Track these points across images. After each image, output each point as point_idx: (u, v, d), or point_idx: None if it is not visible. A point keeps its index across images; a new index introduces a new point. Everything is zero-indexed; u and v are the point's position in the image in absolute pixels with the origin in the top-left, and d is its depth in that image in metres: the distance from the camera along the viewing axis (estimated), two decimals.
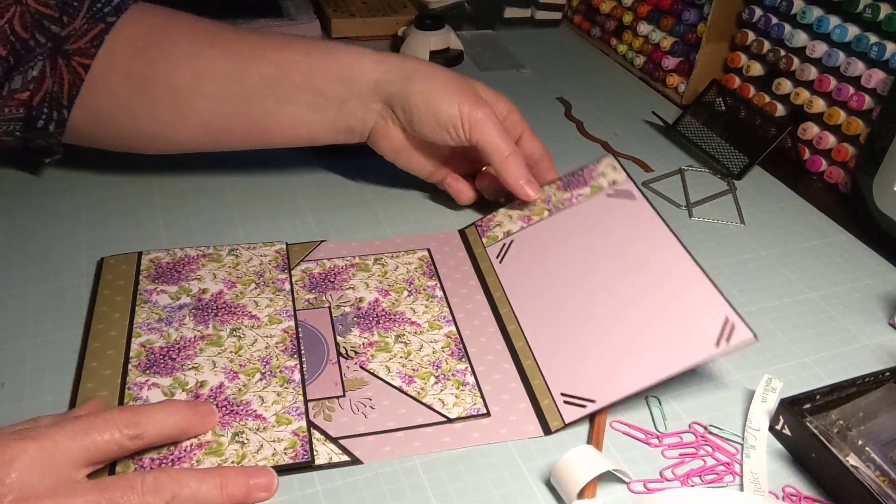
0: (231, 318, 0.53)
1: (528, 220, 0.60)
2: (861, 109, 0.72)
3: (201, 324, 0.52)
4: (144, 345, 0.50)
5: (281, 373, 0.49)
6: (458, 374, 0.51)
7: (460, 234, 0.63)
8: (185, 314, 0.53)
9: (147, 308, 0.53)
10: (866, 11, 0.71)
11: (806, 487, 0.46)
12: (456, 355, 0.52)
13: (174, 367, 0.49)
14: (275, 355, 0.50)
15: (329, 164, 0.71)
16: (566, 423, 0.47)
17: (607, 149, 0.79)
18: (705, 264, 0.63)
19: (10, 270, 0.56)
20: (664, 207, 0.71)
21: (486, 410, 0.48)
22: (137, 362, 0.49)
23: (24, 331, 0.52)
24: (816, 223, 0.71)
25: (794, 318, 0.59)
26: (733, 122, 0.80)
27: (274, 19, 0.92)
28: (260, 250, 0.59)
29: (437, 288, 0.57)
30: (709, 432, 0.49)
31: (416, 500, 0.43)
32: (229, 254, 0.58)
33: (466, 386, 0.50)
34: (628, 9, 0.97)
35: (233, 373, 0.49)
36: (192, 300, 0.54)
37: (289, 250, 0.59)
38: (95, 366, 0.48)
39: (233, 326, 0.52)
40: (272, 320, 0.53)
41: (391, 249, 0.61)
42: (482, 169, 0.66)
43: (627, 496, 0.44)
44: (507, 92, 0.65)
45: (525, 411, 0.48)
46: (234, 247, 0.59)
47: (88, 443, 0.39)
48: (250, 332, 0.52)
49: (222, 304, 0.54)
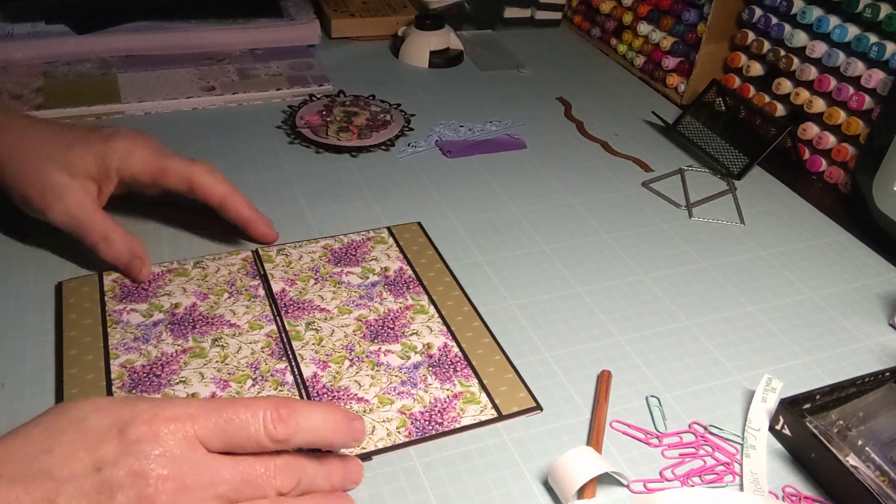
0: (210, 329, 0.52)
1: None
2: (861, 109, 0.72)
3: (180, 338, 0.51)
4: (125, 365, 0.49)
5: (272, 376, 0.49)
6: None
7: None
8: (162, 330, 0.52)
9: (120, 328, 0.51)
10: (866, 11, 0.71)
11: (806, 487, 0.46)
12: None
13: (161, 383, 0.48)
14: (263, 360, 0.50)
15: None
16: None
17: (607, 149, 0.79)
18: (705, 264, 0.64)
19: (10, 270, 0.56)
20: (664, 207, 0.71)
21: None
22: (121, 383, 0.48)
23: (23, 331, 0.52)
24: (816, 223, 0.71)
25: (794, 318, 0.59)
26: (733, 122, 0.80)
27: (274, 19, 0.92)
28: (226, 260, 0.58)
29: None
30: (709, 432, 0.49)
31: (416, 500, 0.43)
32: (195, 266, 0.57)
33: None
34: (628, 9, 0.97)
35: (223, 382, 0.48)
36: (165, 316, 0.53)
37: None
38: (77, 392, 0.47)
39: (214, 337, 0.51)
40: (253, 326, 0.53)
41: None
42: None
43: (627, 496, 0.44)
44: (507, 92, 0.66)
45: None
46: (199, 259, 0.58)
47: (230, 438, 0.37)
48: (233, 340, 0.51)
49: (198, 316, 0.53)
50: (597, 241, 0.65)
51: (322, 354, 0.51)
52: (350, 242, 0.61)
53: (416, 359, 0.51)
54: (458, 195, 0.69)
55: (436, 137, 0.78)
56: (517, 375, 0.51)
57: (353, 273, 0.58)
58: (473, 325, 0.55)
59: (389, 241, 0.62)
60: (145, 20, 0.87)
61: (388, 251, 0.61)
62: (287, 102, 0.81)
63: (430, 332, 0.54)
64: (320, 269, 0.58)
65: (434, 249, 0.61)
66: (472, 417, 0.48)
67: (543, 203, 0.69)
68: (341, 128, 0.76)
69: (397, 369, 0.51)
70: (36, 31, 0.83)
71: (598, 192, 0.72)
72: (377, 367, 0.51)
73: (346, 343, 0.52)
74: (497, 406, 0.49)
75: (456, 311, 0.56)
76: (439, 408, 0.48)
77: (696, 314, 0.58)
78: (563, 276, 0.61)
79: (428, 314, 0.55)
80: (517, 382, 0.50)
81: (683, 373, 0.53)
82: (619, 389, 0.51)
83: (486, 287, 0.59)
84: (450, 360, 0.52)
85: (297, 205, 0.66)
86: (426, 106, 0.83)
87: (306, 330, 0.53)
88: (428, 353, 0.52)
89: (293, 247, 0.60)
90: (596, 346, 0.54)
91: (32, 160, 0.56)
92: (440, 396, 0.49)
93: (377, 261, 0.59)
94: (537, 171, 0.74)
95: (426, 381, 0.50)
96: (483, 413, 0.48)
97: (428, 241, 0.62)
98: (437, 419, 0.47)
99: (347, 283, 0.57)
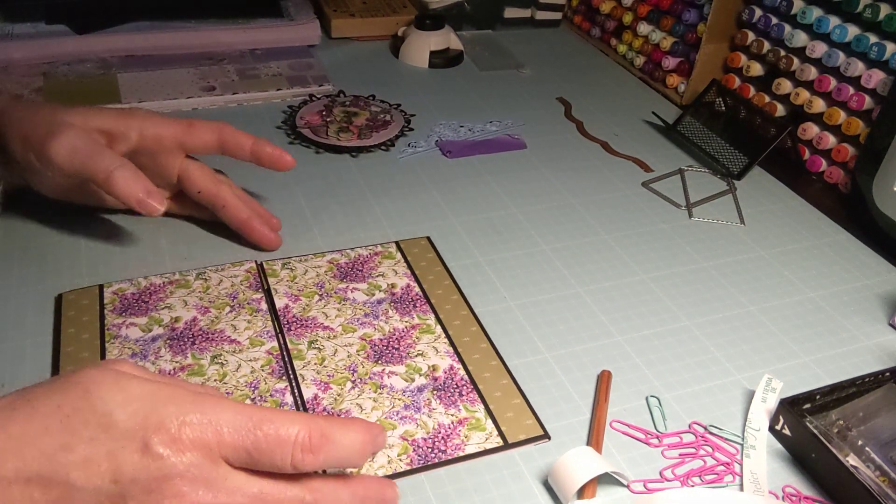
0: (210, 346, 0.51)
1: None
2: (861, 109, 0.72)
3: (179, 354, 0.50)
4: None
5: (272, 396, 0.48)
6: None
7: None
8: (160, 346, 0.50)
9: (118, 343, 0.50)
10: (866, 11, 0.71)
11: (806, 487, 0.46)
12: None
13: None
14: (262, 379, 0.49)
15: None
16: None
17: (607, 149, 0.79)
18: (705, 264, 0.64)
19: (9, 280, 0.56)
20: (664, 207, 0.71)
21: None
22: None
23: (23, 331, 0.52)
24: (816, 223, 0.71)
25: (794, 318, 0.59)
26: (733, 122, 0.80)
27: (274, 19, 0.92)
28: (229, 271, 0.57)
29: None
30: (709, 432, 0.49)
31: (416, 500, 0.43)
32: (197, 278, 0.56)
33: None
34: (628, 9, 0.97)
35: None
36: (165, 330, 0.51)
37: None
38: None
39: (213, 353, 0.50)
40: (254, 343, 0.51)
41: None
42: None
43: (627, 496, 0.44)
44: (507, 92, 0.66)
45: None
46: (202, 270, 0.57)
47: (254, 461, 0.35)
48: (233, 357, 0.50)
49: (198, 331, 0.52)
50: (597, 241, 0.65)
51: (324, 375, 0.50)
52: (357, 257, 0.60)
53: (421, 381, 0.50)
54: (458, 195, 0.69)
55: (436, 137, 0.78)
56: (525, 400, 0.49)
57: (358, 290, 0.57)
58: (481, 346, 0.53)
59: (397, 255, 0.60)
60: (145, 20, 0.87)
61: (396, 267, 0.59)
62: (287, 102, 0.81)
63: (437, 353, 0.52)
64: (325, 284, 0.57)
65: (443, 265, 0.60)
66: (477, 445, 0.46)
67: (543, 203, 0.69)
68: (341, 128, 0.76)
69: (401, 392, 0.49)
70: (36, 31, 0.83)
71: (598, 192, 0.72)
72: (380, 390, 0.49)
73: (348, 364, 0.51)
74: (503, 433, 0.47)
75: (463, 330, 0.54)
76: (443, 434, 0.47)
77: (696, 314, 0.58)
78: (563, 276, 0.61)
79: (434, 334, 0.54)
80: (525, 408, 0.49)
81: (683, 373, 0.53)
82: (619, 389, 0.51)
83: (486, 287, 0.59)
84: (455, 383, 0.50)
85: (297, 205, 0.66)
86: (426, 106, 0.83)
87: (308, 349, 0.51)
88: (433, 375, 0.50)
89: (298, 260, 0.59)
90: (596, 346, 0.54)
91: (43, 106, 0.54)
92: (444, 422, 0.47)
93: (384, 276, 0.58)
94: (537, 171, 0.74)
95: (430, 405, 0.48)
96: (488, 441, 0.46)
97: (437, 257, 0.61)
98: (441, 446, 0.46)
99: (353, 299, 0.56)
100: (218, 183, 0.60)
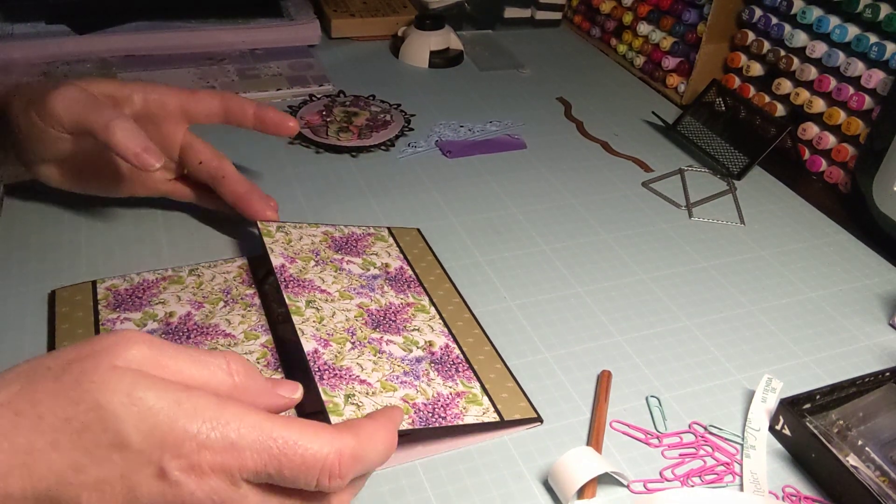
0: (205, 339, 0.51)
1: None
2: (861, 109, 0.72)
3: None
4: None
5: None
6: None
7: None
8: None
9: None
10: (866, 11, 0.71)
11: (806, 487, 0.46)
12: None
13: None
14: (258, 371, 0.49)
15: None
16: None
17: (607, 149, 0.79)
18: (705, 264, 0.64)
19: (3, 277, 0.56)
20: (664, 207, 0.71)
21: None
22: None
23: (22, 329, 0.52)
24: (816, 223, 0.71)
25: (793, 318, 0.59)
26: (733, 122, 0.80)
27: (274, 19, 0.92)
28: (222, 267, 0.57)
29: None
30: (709, 432, 0.49)
31: (416, 500, 0.43)
32: (190, 274, 0.56)
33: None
34: (628, 9, 0.97)
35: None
36: (159, 325, 0.51)
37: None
38: None
39: (209, 347, 0.50)
40: (248, 336, 0.51)
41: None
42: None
43: (627, 496, 0.44)
44: (507, 92, 0.66)
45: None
46: (194, 266, 0.57)
47: (276, 482, 0.33)
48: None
49: (193, 325, 0.52)
50: (597, 241, 0.65)
51: (323, 333, 0.50)
52: (350, 234, 0.60)
53: (419, 353, 0.51)
54: (458, 195, 0.69)
55: (436, 137, 0.78)
56: (518, 386, 0.50)
57: (353, 262, 0.57)
58: (474, 332, 0.54)
59: (389, 240, 0.61)
60: (145, 20, 0.87)
61: (389, 249, 0.60)
62: (287, 102, 0.81)
63: (432, 330, 0.53)
64: (321, 252, 0.57)
65: (433, 255, 0.61)
66: (475, 417, 0.47)
67: (543, 203, 0.69)
68: (341, 128, 0.76)
69: (400, 360, 0.50)
70: (36, 31, 0.83)
71: (598, 192, 0.72)
72: (379, 355, 0.50)
73: (347, 326, 0.51)
74: (499, 411, 0.48)
75: (457, 316, 0.55)
76: (442, 402, 0.47)
77: (696, 314, 0.58)
78: (563, 276, 0.61)
79: (429, 314, 0.55)
80: (518, 393, 0.50)
81: (683, 373, 0.53)
82: (619, 389, 0.51)
83: (486, 287, 0.59)
84: (451, 360, 0.51)
85: (298, 205, 0.66)
86: (426, 106, 0.83)
87: (307, 307, 0.51)
88: (430, 349, 0.51)
89: (293, 226, 0.58)
90: (596, 346, 0.54)
91: (50, 78, 0.54)
92: (443, 392, 0.48)
93: (378, 256, 0.59)
94: (537, 171, 0.74)
95: (429, 375, 0.49)
96: (486, 415, 0.47)
97: (427, 248, 0.62)
98: (441, 413, 0.47)
99: (349, 270, 0.56)
100: (220, 156, 0.60)
